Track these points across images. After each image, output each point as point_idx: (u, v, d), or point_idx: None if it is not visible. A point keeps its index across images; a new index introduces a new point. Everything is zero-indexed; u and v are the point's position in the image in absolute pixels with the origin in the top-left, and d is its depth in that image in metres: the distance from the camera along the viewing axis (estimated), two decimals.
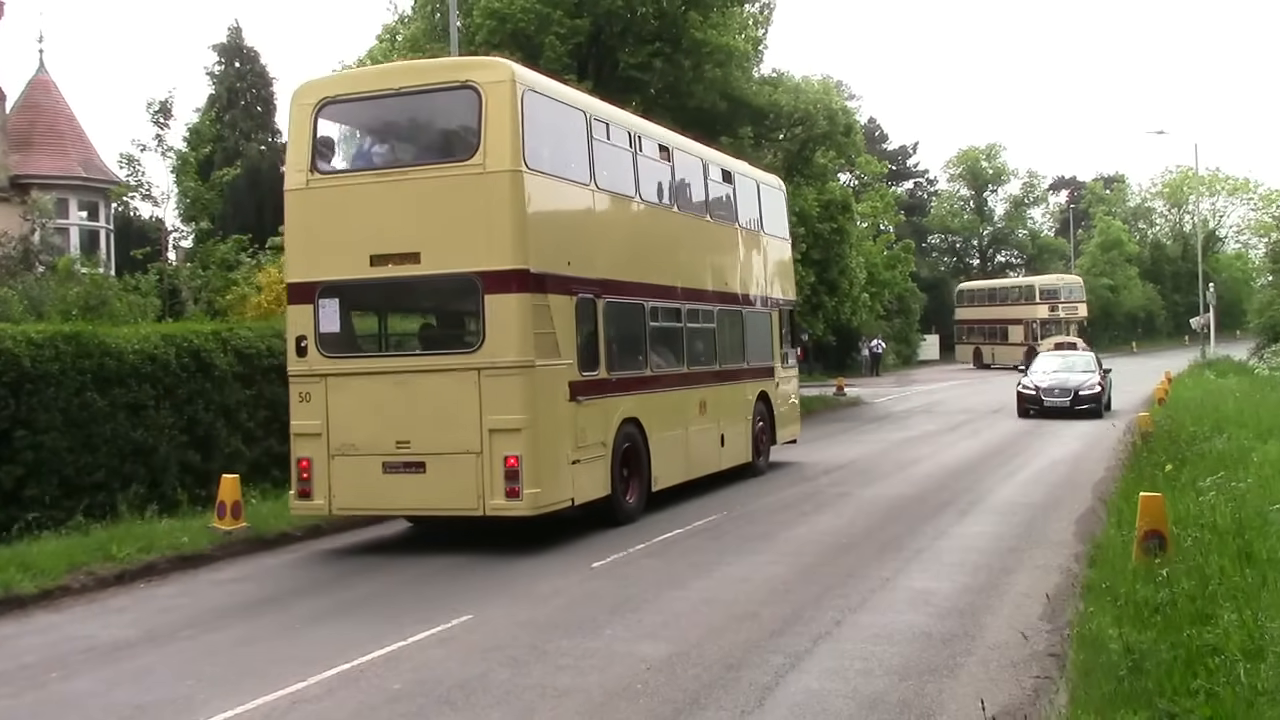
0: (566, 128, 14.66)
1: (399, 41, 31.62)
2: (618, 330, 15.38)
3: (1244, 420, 21.36)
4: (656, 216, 17.04)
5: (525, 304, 13.06)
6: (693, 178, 18.43)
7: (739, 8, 33.37)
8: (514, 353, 12.97)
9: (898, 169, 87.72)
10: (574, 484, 13.86)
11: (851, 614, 10.02)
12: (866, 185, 52.39)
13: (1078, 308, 61.44)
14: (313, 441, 13.61)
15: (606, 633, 9.58)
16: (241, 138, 53.57)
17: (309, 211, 13.97)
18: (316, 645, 9.50)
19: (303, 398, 13.75)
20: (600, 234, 15.23)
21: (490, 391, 12.94)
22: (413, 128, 14.73)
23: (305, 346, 13.74)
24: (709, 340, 18.57)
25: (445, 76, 14.22)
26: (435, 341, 14.69)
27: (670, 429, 16.65)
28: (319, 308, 13.71)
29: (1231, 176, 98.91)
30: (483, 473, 12.93)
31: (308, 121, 13.90)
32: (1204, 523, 11.02)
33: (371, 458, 13.36)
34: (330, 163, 14.44)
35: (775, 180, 23.76)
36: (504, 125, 13.01)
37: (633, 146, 16.28)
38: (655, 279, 16.65)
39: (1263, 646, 7.14)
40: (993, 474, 19.59)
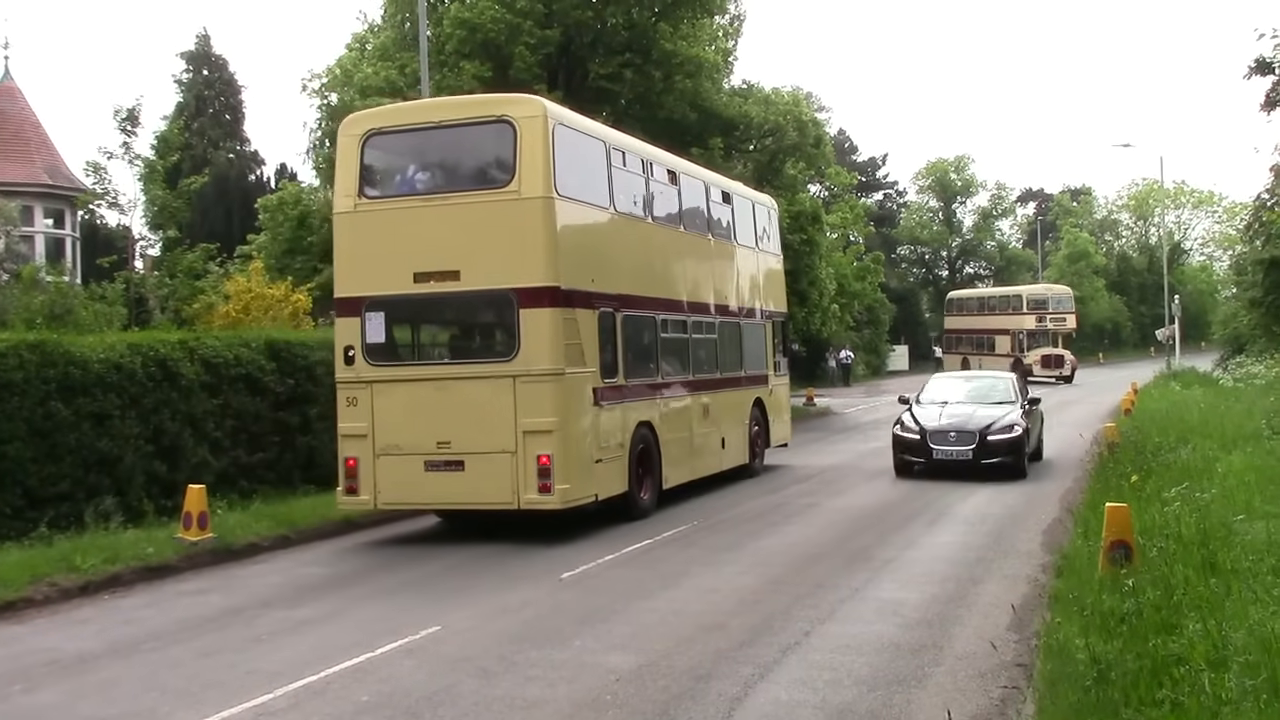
0: (589, 156, 15.99)
1: (369, 50, 31.54)
2: (633, 341, 16.70)
3: (1209, 431, 21.55)
4: (666, 236, 18.40)
5: (556, 317, 14.44)
6: (696, 200, 19.83)
7: (709, 19, 33.49)
8: (546, 362, 14.32)
9: (867, 180, 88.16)
10: (597, 481, 15.15)
11: (820, 624, 10.04)
12: (836, 196, 52.65)
13: (1066, 319, 59.58)
14: (359, 442, 14.85)
15: (575, 644, 9.56)
16: (210, 145, 53.36)
17: (356, 232, 15.29)
18: (283, 657, 9.43)
19: (350, 402, 15.01)
20: (618, 253, 16.57)
21: (524, 396, 14.27)
22: (452, 157, 15.83)
23: (353, 356, 15.03)
24: (711, 350, 19.86)
25: (482, 111, 15.70)
26: (473, 351, 15.63)
27: (678, 432, 17.94)
28: (365, 320, 15.00)
29: (1196, 189, 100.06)
30: (517, 470, 14.24)
31: (355, 151, 15.20)
32: (1169, 533, 11.09)
33: (414, 457, 14.60)
34: (376, 188, 15.51)
35: (768, 200, 25.23)
36: (537, 156, 14.39)
37: (645, 172, 17.73)
38: (665, 294, 18.06)
39: (1227, 656, 7.19)
40: (962, 484, 19.64)
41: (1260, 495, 13.18)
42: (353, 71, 29.83)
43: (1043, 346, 56.73)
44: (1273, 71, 24.70)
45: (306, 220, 31.47)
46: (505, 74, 28.90)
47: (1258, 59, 25.90)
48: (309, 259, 30.44)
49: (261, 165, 57.28)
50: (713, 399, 19.42)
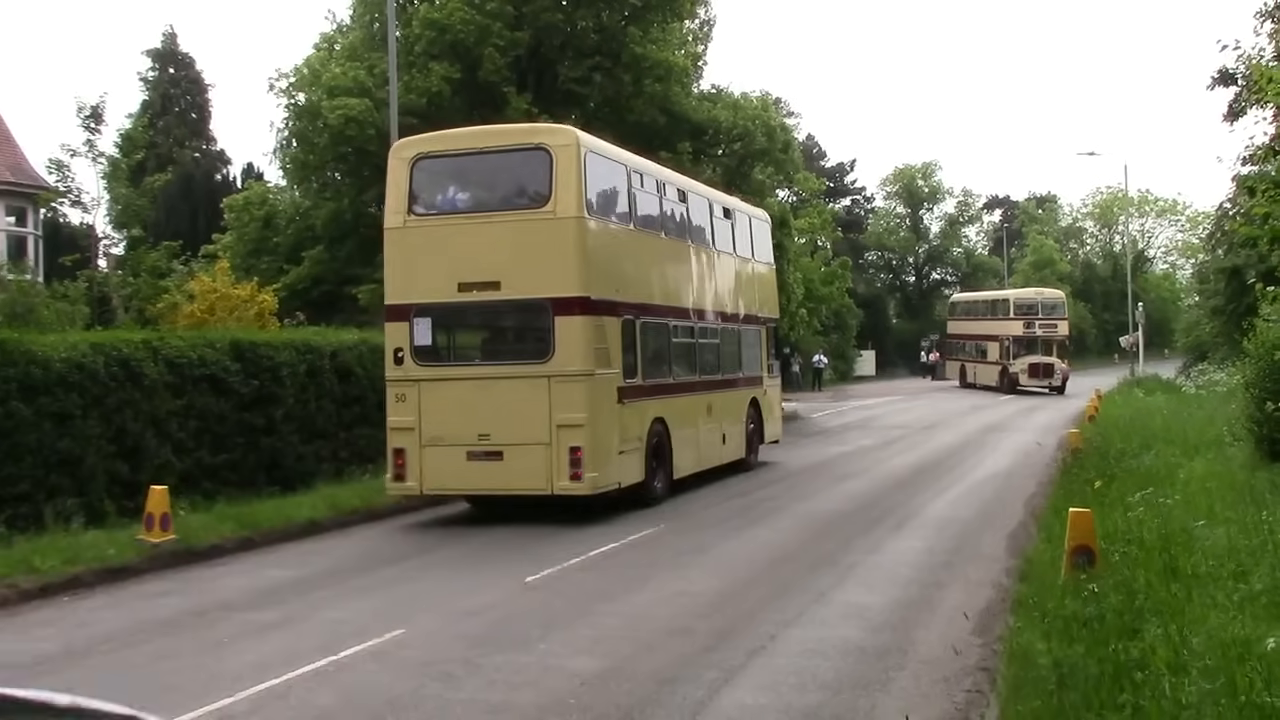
0: (613, 179, 17.71)
1: (337, 50, 31.38)
2: (650, 345, 18.33)
3: (1171, 437, 21.77)
4: (676, 249, 20.17)
5: (587, 324, 16.07)
6: (702, 215, 21.52)
7: (678, 24, 33.56)
8: (578, 364, 15.93)
9: (835, 186, 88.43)
10: (620, 470, 16.71)
11: (785, 628, 10.05)
12: (804, 202, 52.79)
13: (1057, 326, 54.68)
14: (407, 434, 16.37)
15: (540, 647, 9.52)
16: (175, 144, 52.97)
17: (405, 246, 16.87)
18: (245, 660, 9.34)
19: (399, 398, 16.53)
20: (638, 265, 18.26)
21: (558, 394, 15.81)
22: (493, 179, 17.38)
23: (402, 356, 16.57)
24: (714, 353, 21.48)
25: (521, 139, 17.55)
26: (511, 353, 17.24)
27: (687, 428, 19.49)
28: (414, 325, 16.56)
29: (1160, 198, 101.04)
30: (552, 460, 15.79)
31: (405, 172, 16.78)
32: (1131, 538, 11.19)
33: (457, 448, 16.10)
34: (423, 206, 16.98)
35: (763, 213, 27.06)
36: (570, 180, 16.01)
37: (659, 192, 19.43)
38: (676, 302, 19.68)
39: (1187, 661, 7.25)
40: (927, 489, 19.76)
41: (1221, 501, 13.32)
42: (321, 71, 29.68)
43: (1031, 354, 52.79)
44: (1235, 83, 24.97)
45: (273, 220, 31.32)
46: (474, 76, 28.84)
47: (1220, 70, 26.21)
48: (275, 259, 30.30)
49: (228, 164, 56.88)
50: (715, 398, 20.92)
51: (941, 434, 31.18)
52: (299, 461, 18.97)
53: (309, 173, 31.27)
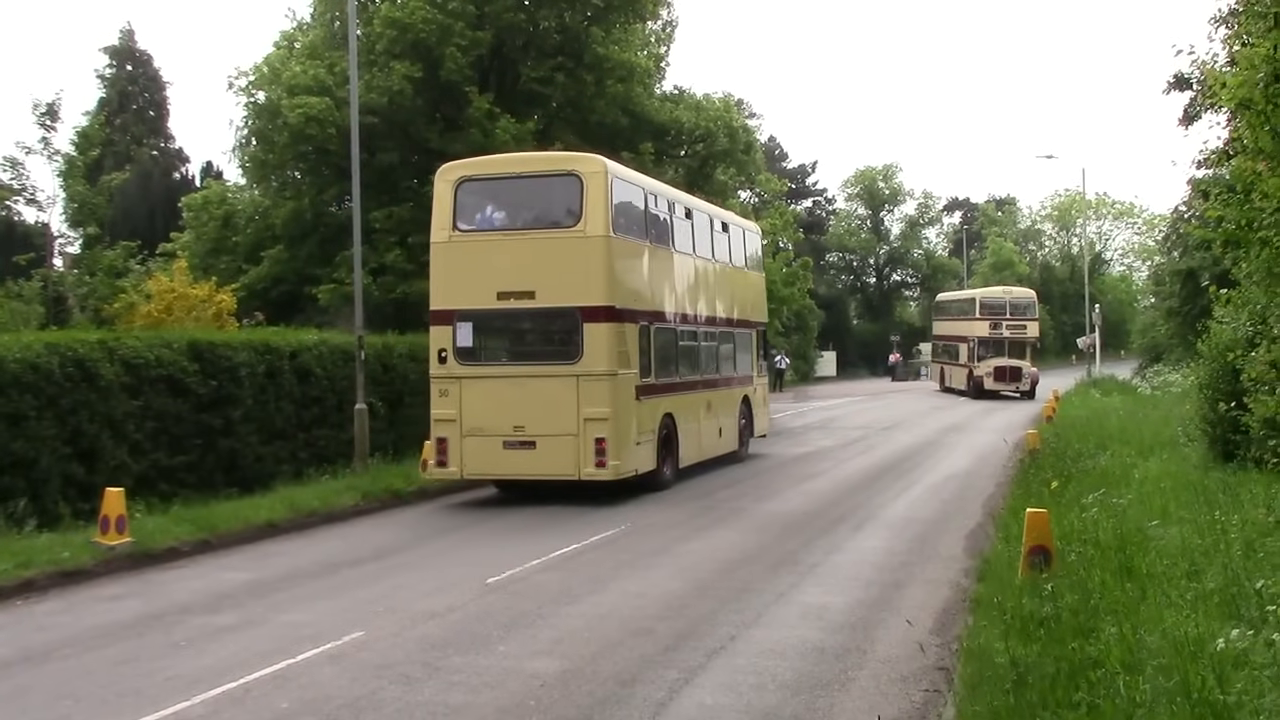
0: (633, 200, 19.56)
1: (297, 49, 31.15)
2: (661, 348, 20.19)
3: (1127, 438, 22.01)
4: (683, 262, 21.87)
5: (612, 330, 18.04)
6: (704, 230, 23.43)
7: (641, 25, 33.55)
8: (604, 365, 17.89)
9: (797, 187, 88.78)
10: (637, 459, 18.64)
11: (746, 629, 10.08)
12: (766, 203, 52.90)
13: (1026, 327, 51.40)
14: (449, 425, 18.26)
15: (500, 649, 9.50)
16: (133, 142, 52.48)
17: (450, 259, 18.71)
18: (202, 664, 9.26)
19: (442, 393, 18.41)
20: (651, 277, 20.08)
21: (586, 391, 17.77)
22: (529, 200, 19.13)
23: (445, 356, 18.45)
24: (713, 355, 23.34)
25: (555, 166, 19.44)
26: (544, 355, 18.86)
27: (691, 422, 21.40)
28: (456, 329, 18.44)
29: (1117, 201, 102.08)
30: (579, 449, 17.71)
31: (450, 193, 18.70)
32: (1087, 538, 11.30)
33: (494, 438, 18.05)
34: (466, 223, 18.77)
35: (754, 226, 29.35)
36: (598, 203, 17.94)
37: (669, 210, 21.35)
38: (683, 309, 21.56)
39: (1141, 659, 7.33)
40: (887, 489, 19.87)
41: (1175, 501, 13.48)
42: (281, 70, 29.44)
43: (997, 357, 49.82)
44: (1190, 87, 25.27)
45: (232, 219, 31.05)
46: (436, 75, 28.72)
47: (1176, 74, 26.51)
48: (234, 259, 30.04)
49: (186, 163, 56.48)
50: (713, 396, 23.01)
51: (901, 435, 31.35)
52: (257, 463, 18.83)
53: (269, 171, 31.02)
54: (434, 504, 19.02)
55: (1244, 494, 13.19)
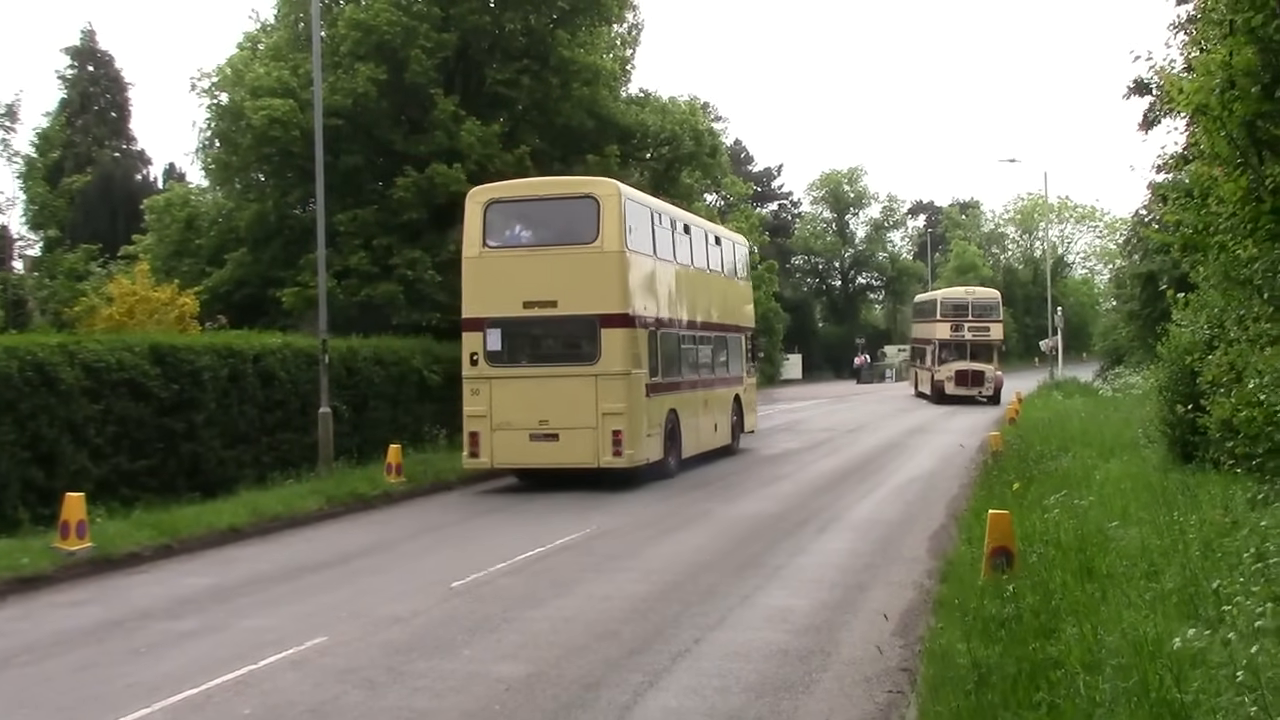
0: (643, 220, 21.72)
1: (261, 50, 30.92)
2: (666, 351, 22.25)
3: (1088, 439, 22.19)
4: (684, 272, 24.06)
5: (626, 335, 20.23)
6: (701, 244, 25.73)
7: (607, 27, 33.50)
8: (619, 365, 20.06)
9: (762, 190, 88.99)
10: (648, 449, 20.81)
11: (711, 632, 10.10)
12: (732, 206, 53.14)
13: (989, 328, 49.11)
14: (480, 421, 20.30)
15: (465, 653, 9.48)
16: (94, 144, 51.92)
17: (480, 272, 20.82)
18: (163, 670, 9.20)
19: (474, 392, 20.47)
20: (659, 287, 22.25)
21: (604, 389, 19.91)
22: (551, 220, 21.21)
23: (477, 359, 20.52)
24: (710, 357, 25.61)
25: (574, 189, 21.54)
26: (566, 357, 20.86)
27: (692, 417, 23.56)
28: (486, 334, 20.49)
29: (1079, 205, 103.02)
30: (598, 440, 19.85)
31: (480, 214, 20.85)
32: (1049, 539, 11.38)
33: (521, 431, 20.09)
34: (495, 240, 20.92)
35: (743, 239, 32.10)
36: (613, 222, 20.13)
37: (673, 227, 23.66)
38: (684, 315, 23.70)
39: (1101, 659, 7.40)
40: (851, 491, 19.96)
41: (1135, 502, 13.60)
42: (244, 71, 29.20)
43: (959, 360, 47.56)
44: (1149, 92, 25.50)
45: (195, 222, 30.78)
46: (401, 77, 28.59)
47: (1136, 80, 26.73)
48: (197, 261, 29.78)
49: (148, 165, 55.93)
50: (710, 394, 25.11)
51: (866, 437, 31.51)
52: (220, 467, 18.72)
53: (232, 174, 30.75)
54: (399, 508, 18.96)
55: (1202, 495, 13.32)
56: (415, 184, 27.88)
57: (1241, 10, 7.05)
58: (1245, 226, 7.09)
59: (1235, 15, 7.13)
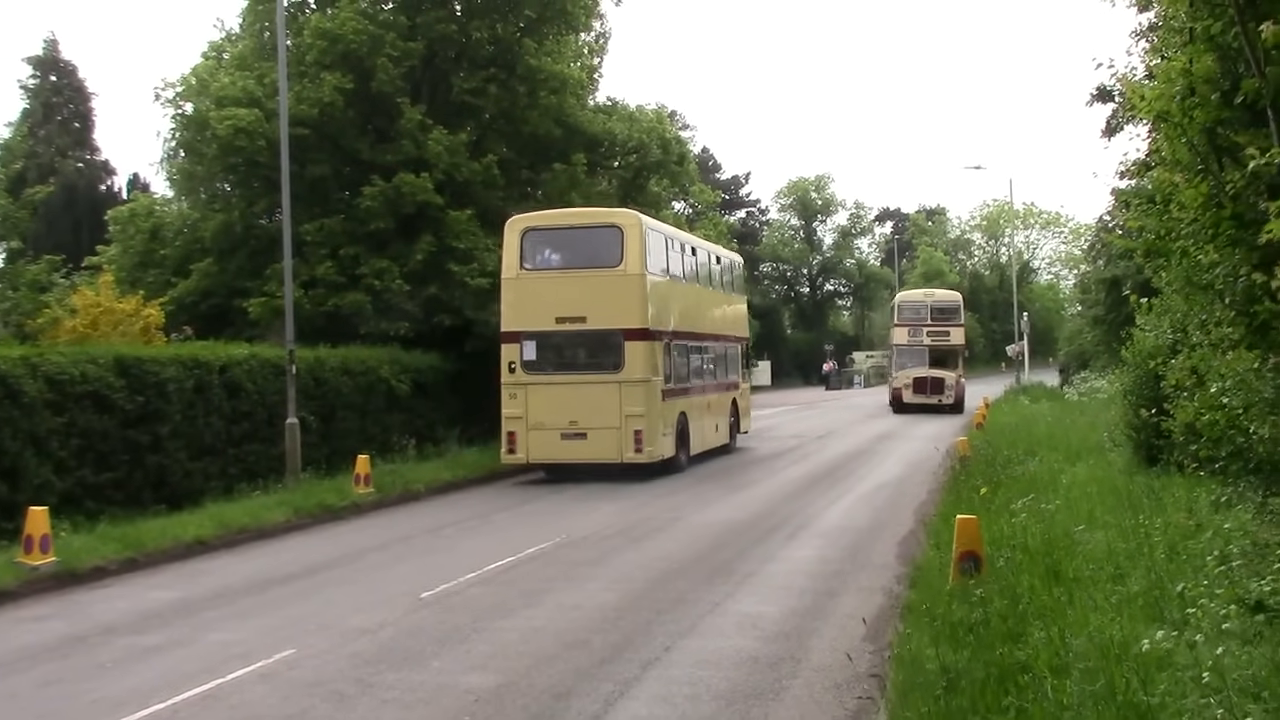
0: (659, 245, 24.47)
1: (226, 59, 30.74)
2: (677, 360, 24.92)
3: (1055, 444, 22.35)
4: (690, 290, 26.87)
5: (647, 347, 22.90)
6: (705, 263, 28.69)
7: (574, 36, 33.50)
8: (640, 373, 22.74)
9: (730, 198, 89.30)
10: (663, 447, 23.40)
11: (681, 640, 10.09)
12: (700, 214, 53.17)
13: (949, 333, 46.48)
14: (518, 421, 22.83)
15: (434, 664, 9.44)
16: (57, 154, 51.53)
17: (518, 291, 23.39)
18: (129, 685, 9.10)
19: (512, 396, 22.94)
20: (671, 303, 24.85)
21: (626, 394, 22.57)
22: (580, 246, 23.69)
23: (514, 367, 23.06)
24: (712, 364, 28.17)
25: (601, 219, 24.15)
26: (593, 366, 23.22)
27: (698, 419, 26.06)
28: (523, 346, 23.03)
29: (1044, 211, 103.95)
30: (622, 439, 22.47)
31: (517, 240, 23.46)
32: (1016, 543, 11.45)
33: (553, 430, 22.69)
34: (530, 263, 23.54)
35: (738, 257, 35.07)
36: (635, 248, 22.79)
37: (682, 250, 26.46)
38: (691, 328, 26.29)
39: (1068, 663, 7.44)
40: (821, 497, 20.00)
41: (1101, 505, 13.72)
42: (209, 81, 29.00)
43: (917, 366, 45.29)
44: (1112, 99, 25.76)
45: (160, 232, 30.49)
46: (368, 86, 28.49)
47: (1099, 87, 27.00)
48: (162, 272, 29.51)
49: (112, 175, 55.53)
50: (712, 398, 27.66)
51: (835, 443, 31.61)
52: (186, 479, 18.56)
53: (197, 184, 30.52)
54: (367, 519, 18.86)
55: (1167, 498, 13.45)
56: (382, 193, 27.76)
57: (1201, 18, 7.11)
58: (1206, 232, 7.14)
59: (1195, 23, 7.19)
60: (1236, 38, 6.66)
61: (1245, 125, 7.03)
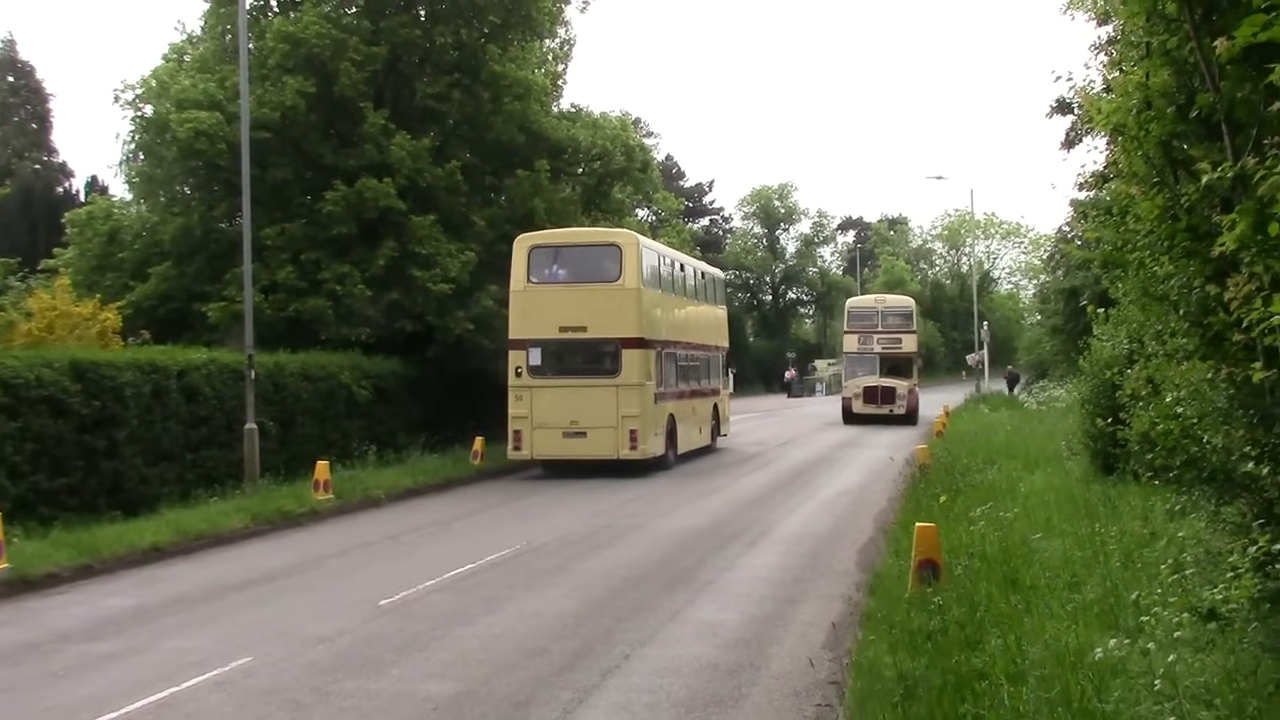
0: (653, 261, 26.71)
1: (187, 62, 30.49)
2: (667, 366, 26.95)
3: (1013, 452, 22.54)
4: (679, 302, 28.90)
5: (642, 354, 25.03)
6: (690, 278, 30.93)
7: (538, 43, 33.51)
8: (635, 378, 24.77)
9: (694, 206, 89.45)
10: (655, 446, 25.55)
11: (641, 647, 10.09)
12: (664, 221, 53.28)
13: (901, 340, 44.66)
14: (523, 421, 24.78)
15: (393, 672, 9.38)
16: (14, 155, 51.00)
17: (525, 303, 25.30)
18: (81, 693, 8.99)
19: (518, 398, 24.89)
20: (662, 314, 26.94)
21: (623, 397, 24.61)
22: (582, 262, 25.92)
23: (521, 372, 25.00)
24: (696, 371, 30.13)
25: (601, 239, 26.77)
26: (593, 371, 25.20)
27: (684, 421, 28.15)
28: (529, 352, 25.01)
29: (1005, 221, 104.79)
30: (618, 437, 24.51)
31: (524, 256, 25.47)
32: (974, 551, 11.54)
33: (556, 429, 24.68)
34: (536, 277, 25.49)
35: (720, 272, 38.25)
36: (632, 265, 24.98)
37: (673, 267, 28.95)
38: (679, 337, 28.38)
39: (1024, 670, 7.51)
40: (782, 505, 20.05)
41: (1058, 514, 13.85)
42: (169, 83, 28.74)
43: (867, 375, 43.56)
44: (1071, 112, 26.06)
45: (118, 236, 30.18)
46: (330, 90, 28.35)
47: (1058, 99, 27.32)
48: (120, 276, 29.19)
49: (70, 177, 55.03)
50: (696, 402, 29.78)
51: (796, 451, 31.72)
52: (143, 485, 18.37)
53: (156, 187, 30.21)
54: (326, 525, 18.73)
55: (1123, 506, 13.59)
56: (344, 198, 27.62)
57: (1157, 33, 7.20)
58: (1162, 243, 7.23)
59: (1151, 38, 7.28)
60: (1192, 53, 6.75)
61: (1200, 139, 7.12)
